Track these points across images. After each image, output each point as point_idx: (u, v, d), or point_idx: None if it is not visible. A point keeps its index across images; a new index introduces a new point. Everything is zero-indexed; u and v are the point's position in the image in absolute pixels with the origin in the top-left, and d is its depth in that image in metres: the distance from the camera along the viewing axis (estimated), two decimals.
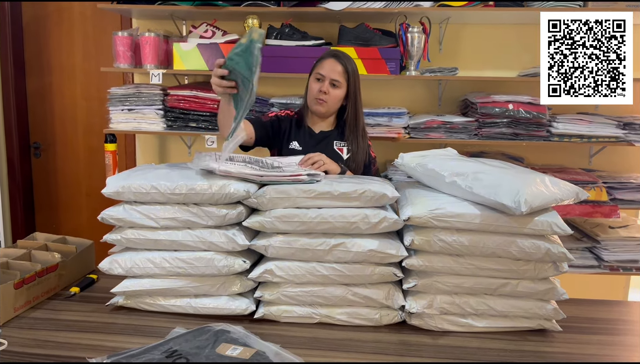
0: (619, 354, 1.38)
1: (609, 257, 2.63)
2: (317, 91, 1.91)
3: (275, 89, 3.03)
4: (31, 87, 3.41)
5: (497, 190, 1.38)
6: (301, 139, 2.00)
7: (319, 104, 1.93)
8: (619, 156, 2.99)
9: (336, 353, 1.33)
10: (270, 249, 1.47)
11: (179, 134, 2.92)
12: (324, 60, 1.94)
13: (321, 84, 1.91)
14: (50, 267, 1.64)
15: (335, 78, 1.90)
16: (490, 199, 1.38)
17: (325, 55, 1.96)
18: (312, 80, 1.95)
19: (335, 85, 1.91)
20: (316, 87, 1.92)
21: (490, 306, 1.45)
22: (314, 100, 1.93)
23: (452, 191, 1.50)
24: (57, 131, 3.44)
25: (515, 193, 1.34)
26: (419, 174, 1.65)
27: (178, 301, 1.53)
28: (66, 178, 3.48)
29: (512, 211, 1.34)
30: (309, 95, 1.96)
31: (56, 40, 3.34)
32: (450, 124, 2.64)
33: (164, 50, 2.80)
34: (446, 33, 2.90)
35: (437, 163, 1.58)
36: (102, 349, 1.28)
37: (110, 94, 2.76)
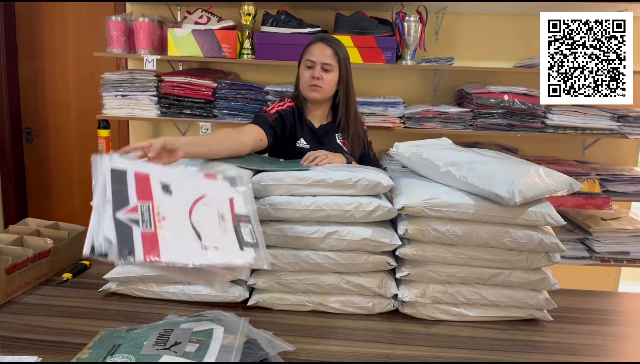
0: (609, 344, 1.39)
1: (601, 249, 2.65)
2: (309, 78, 1.85)
3: (271, 76, 3.01)
4: (23, 72, 3.37)
5: (492, 180, 1.38)
6: (306, 137, 1.92)
7: (314, 91, 1.86)
8: (612, 148, 3.01)
9: (329, 340, 1.34)
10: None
11: (173, 121, 2.90)
12: (312, 46, 1.87)
13: (312, 70, 1.84)
14: (42, 253, 1.63)
15: (326, 62, 1.83)
16: (485, 189, 1.38)
17: (313, 41, 1.88)
18: (303, 68, 1.88)
19: (327, 69, 1.84)
20: (308, 74, 1.85)
21: (483, 296, 1.46)
22: (308, 88, 1.86)
23: (447, 180, 1.50)
24: (50, 116, 3.41)
25: (509, 184, 1.35)
26: (413, 164, 1.65)
27: (171, 288, 1.52)
28: (58, 164, 3.46)
29: (506, 202, 1.35)
30: (302, 84, 1.89)
31: (49, 25, 3.30)
32: (446, 114, 2.64)
33: (158, 36, 2.77)
34: (443, 23, 2.89)
35: (431, 153, 1.58)
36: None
37: (104, 79, 2.73)
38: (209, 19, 2.73)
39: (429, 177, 1.59)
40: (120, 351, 1.09)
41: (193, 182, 1.20)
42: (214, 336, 1.15)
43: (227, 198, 1.20)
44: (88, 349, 1.13)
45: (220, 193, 1.20)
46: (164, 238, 1.01)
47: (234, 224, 1.14)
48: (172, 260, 0.99)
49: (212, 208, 1.14)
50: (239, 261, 1.09)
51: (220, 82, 2.72)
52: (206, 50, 2.65)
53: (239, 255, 1.10)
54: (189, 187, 1.16)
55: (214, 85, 2.70)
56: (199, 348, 1.09)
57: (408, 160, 1.66)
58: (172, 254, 1.00)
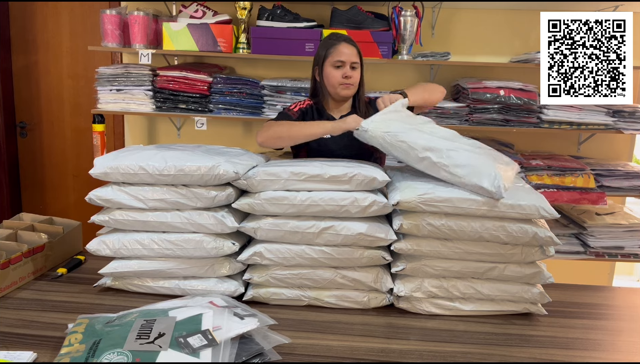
0: (603, 338, 1.40)
1: (595, 244, 2.66)
2: (341, 77, 1.90)
3: (266, 71, 3.00)
4: (17, 65, 3.35)
5: (474, 170, 1.40)
6: None
7: (347, 89, 1.92)
8: (607, 143, 3.02)
9: (324, 335, 1.34)
10: (259, 231, 1.47)
11: (168, 116, 2.89)
12: (339, 46, 1.92)
13: (343, 70, 1.90)
14: (37, 248, 1.63)
15: (354, 60, 1.91)
16: (472, 182, 1.39)
17: (335, 42, 1.94)
18: (330, 68, 1.92)
19: (354, 67, 1.92)
20: (338, 74, 1.91)
21: (478, 290, 1.46)
22: (340, 86, 1.92)
23: (423, 166, 1.49)
24: (44, 110, 3.38)
25: (493, 177, 1.37)
26: (387, 145, 1.55)
27: (166, 283, 1.52)
28: (53, 158, 3.44)
29: (492, 196, 1.37)
30: (331, 83, 1.93)
31: (42, 18, 3.27)
32: (442, 109, 2.64)
33: (153, 30, 2.75)
34: (439, 17, 2.89)
35: (408, 134, 1.52)
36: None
37: (99, 73, 2.72)
38: (204, 13, 2.72)
39: (403, 161, 1.55)
40: (104, 348, 1.07)
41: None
42: (203, 322, 1.14)
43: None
44: (66, 347, 1.11)
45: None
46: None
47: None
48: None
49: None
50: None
51: (216, 77, 2.71)
52: (201, 44, 2.64)
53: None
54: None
55: (209, 80, 2.69)
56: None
57: (381, 139, 1.56)
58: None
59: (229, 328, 1.13)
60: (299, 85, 2.66)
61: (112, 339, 1.09)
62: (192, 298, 1.33)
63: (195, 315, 1.17)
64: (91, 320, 1.20)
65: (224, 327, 1.13)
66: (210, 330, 1.11)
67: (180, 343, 1.07)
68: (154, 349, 1.05)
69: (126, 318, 1.19)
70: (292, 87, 2.66)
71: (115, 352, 1.05)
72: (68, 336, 1.14)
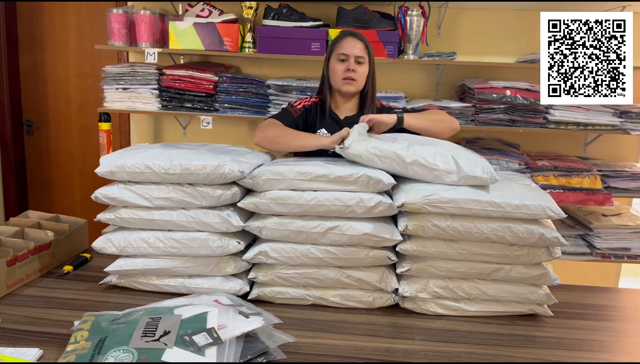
0: (609, 340, 1.39)
1: (601, 245, 2.65)
2: (343, 71, 1.86)
3: (272, 70, 3.00)
4: (24, 64, 3.36)
5: (463, 163, 1.42)
6: (328, 127, 1.94)
7: (348, 84, 1.88)
8: (614, 144, 3.00)
9: (329, 334, 1.34)
10: (264, 230, 1.47)
11: (174, 115, 2.90)
12: (344, 40, 1.89)
13: (346, 63, 1.86)
14: (43, 246, 1.64)
15: (359, 55, 1.87)
16: (465, 174, 1.40)
17: (341, 36, 1.92)
18: (335, 62, 1.89)
19: (360, 62, 1.88)
20: (341, 67, 1.87)
21: (483, 291, 1.46)
22: (342, 81, 1.88)
23: (414, 172, 1.46)
24: (50, 108, 3.40)
25: (481, 165, 1.42)
26: (374, 158, 1.49)
27: (172, 281, 1.53)
28: (59, 156, 3.46)
29: (486, 182, 1.41)
30: (334, 77, 1.90)
31: (49, 17, 3.29)
32: (448, 109, 2.63)
33: (160, 29, 2.76)
34: (445, 17, 2.88)
35: (391, 144, 1.49)
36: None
37: (105, 72, 2.73)
38: (210, 12, 2.72)
39: (390, 171, 1.49)
40: (109, 345, 1.07)
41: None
42: (208, 321, 1.14)
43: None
44: (72, 344, 1.11)
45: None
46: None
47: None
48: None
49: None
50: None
51: (222, 76, 2.71)
52: (207, 43, 2.64)
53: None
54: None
55: (215, 79, 2.70)
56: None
57: (366, 153, 1.49)
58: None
59: (234, 327, 1.14)
60: (304, 85, 2.66)
61: (118, 337, 1.09)
62: (197, 296, 1.33)
63: (201, 313, 1.17)
64: (97, 318, 1.21)
65: (229, 325, 1.13)
66: (215, 328, 1.12)
67: (185, 341, 1.07)
68: (159, 347, 1.05)
69: (132, 315, 1.19)
70: (298, 86, 2.66)
71: (121, 349, 1.05)
72: (74, 333, 1.15)
